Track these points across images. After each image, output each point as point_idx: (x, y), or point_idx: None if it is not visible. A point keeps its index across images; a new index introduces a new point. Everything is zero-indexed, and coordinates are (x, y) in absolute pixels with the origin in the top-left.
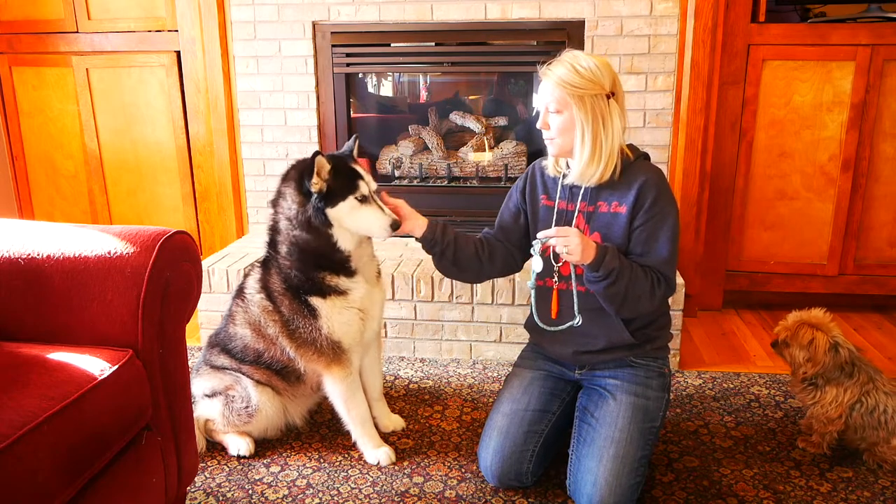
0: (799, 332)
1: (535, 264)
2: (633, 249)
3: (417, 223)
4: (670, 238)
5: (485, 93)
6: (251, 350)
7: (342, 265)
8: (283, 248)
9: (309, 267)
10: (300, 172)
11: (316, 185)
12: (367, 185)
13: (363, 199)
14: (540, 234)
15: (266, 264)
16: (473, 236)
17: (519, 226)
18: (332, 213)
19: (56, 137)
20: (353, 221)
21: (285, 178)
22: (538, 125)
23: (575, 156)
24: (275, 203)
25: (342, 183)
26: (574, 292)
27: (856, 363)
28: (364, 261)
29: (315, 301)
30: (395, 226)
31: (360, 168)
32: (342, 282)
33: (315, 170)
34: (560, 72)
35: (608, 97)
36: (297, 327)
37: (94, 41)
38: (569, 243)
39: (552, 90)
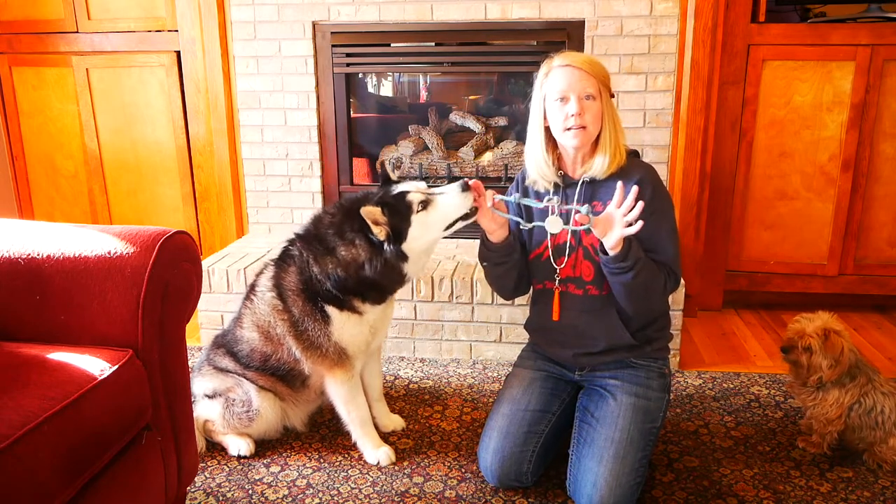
0: (831, 341)
1: (552, 226)
2: None
3: (503, 222)
4: (672, 233)
5: (485, 93)
6: (258, 354)
7: (385, 295)
8: (328, 268)
9: (347, 290)
10: (363, 225)
11: (381, 232)
12: (417, 189)
13: (424, 205)
14: (582, 209)
15: (282, 262)
16: None
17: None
18: (407, 245)
19: (56, 137)
20: (431, 230)
21: (351, 225)
22: (572, 111)
23: (601, 146)
24: (338, 234)
25: (396, 214)
26: (574, 295)
27: (859, 366)
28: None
29: (330, 309)
30: (465, 186)
31: (401, 183)
32: (364, 307)
33: (371, 222)
34: (589, 61)
35: (611, 96)
36: (306, 329)
37: (94, 41)
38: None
39: (586, 77)
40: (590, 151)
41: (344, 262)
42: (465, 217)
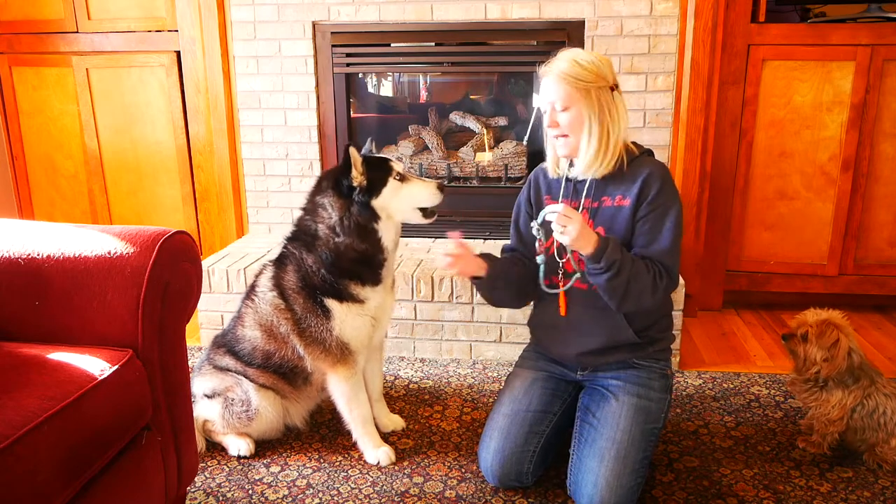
0: (826, 331)
1: (540, 234)
2: (636, 241)
3: (480, 264)
4: (673, 229)
5: (485, 93)
6: (260, 352)
7: (376, 271)
8: (317, 251)
9: (341, 273)
10: (335, 177)
11: (356, 178)
12: (398, 164)
13: (401, 178)
14: (545, 210)
15: (281, 262)
16: (505, 258)
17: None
18: (377, 202)
19: (56, 137)
20: (400, 202)
21: (319, 190)
22: (546, 125)
23: (581, 148)
24: (312, 213)
25: (376, 170)
26: (579, 290)
27: (863, 367)
28: (390, 268)
29: (330, 303)
30: (441, 187)
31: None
32: (363, 291)
33: (352, 163)
34: (563, 67)
35: (612, 89)
36: (309, 325)
37: (94, 41)
38: (566, 223)
39: (556, 87)
40: None
41: (325, 237)
42: (427, 213)
